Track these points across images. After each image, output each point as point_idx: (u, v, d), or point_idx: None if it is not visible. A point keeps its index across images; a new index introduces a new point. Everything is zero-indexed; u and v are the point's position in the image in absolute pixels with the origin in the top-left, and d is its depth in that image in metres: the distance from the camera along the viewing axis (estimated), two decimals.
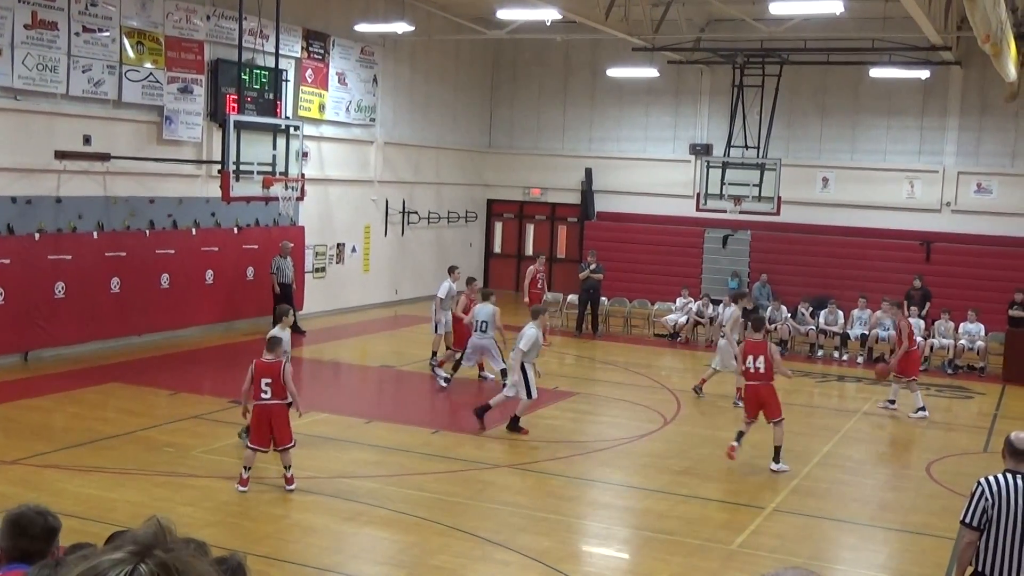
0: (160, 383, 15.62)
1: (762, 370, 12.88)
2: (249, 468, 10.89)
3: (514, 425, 14.00)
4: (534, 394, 13.97)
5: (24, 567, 4.27)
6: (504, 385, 14.93)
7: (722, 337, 17.03)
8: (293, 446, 11.03)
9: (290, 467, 10.99)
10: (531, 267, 22.20)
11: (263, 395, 10.78)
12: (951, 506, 6.71)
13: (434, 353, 18.07)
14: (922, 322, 21.05)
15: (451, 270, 18.75)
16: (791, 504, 11.47)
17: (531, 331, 13.98)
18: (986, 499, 6.37)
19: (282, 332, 12.62)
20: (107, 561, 1.68)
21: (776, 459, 12.71)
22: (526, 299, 22.01)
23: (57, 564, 3.66)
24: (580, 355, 21.05)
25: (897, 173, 25.62)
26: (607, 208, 28.56)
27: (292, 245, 21.15)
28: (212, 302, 20.25)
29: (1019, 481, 6.40)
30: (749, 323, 13.80)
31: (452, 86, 28.18)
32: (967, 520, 6.44)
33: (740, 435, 12.88)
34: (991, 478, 6.45)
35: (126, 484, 10.94)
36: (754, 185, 22.65)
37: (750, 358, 12.97)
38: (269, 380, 10.78)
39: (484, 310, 16.21)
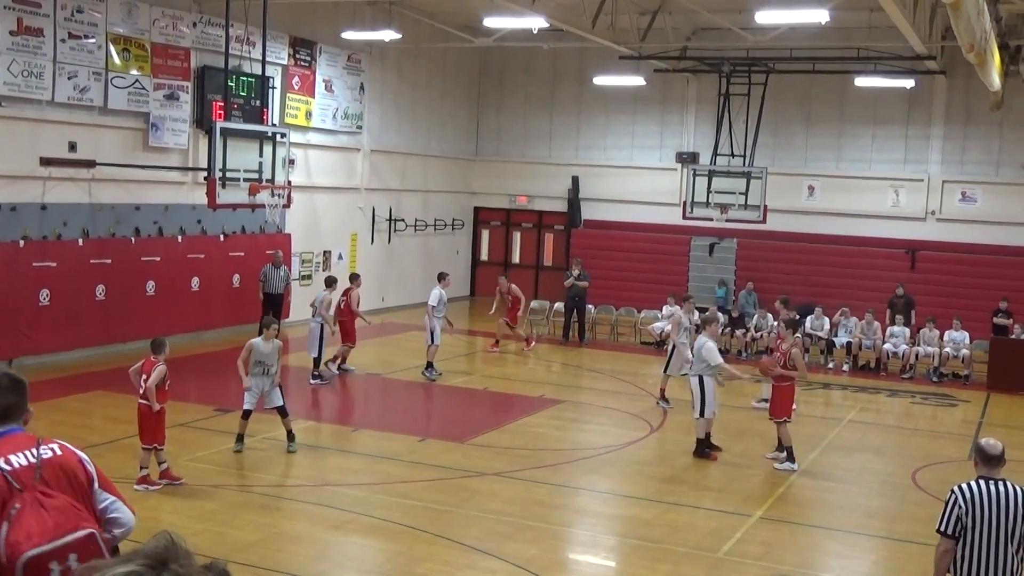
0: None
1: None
2: (144, 468, 11.07)
3: (700, 450, 13.53)
4: (707, 412, 13.45)
5: (13, 428, 4.17)
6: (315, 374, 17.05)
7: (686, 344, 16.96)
8: (154, 448, 11.13)
9: (163, 463, 11.15)
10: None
11: (140, 391, 11.13)
12: (936, 514, 6.73)
13: (429, 364, 18.04)
14: (907, 329, 21.16)
15: (441, 276, 18.74)
16: (777, 512, 11.49)
17: (701, 340, 13.63)
18: (960, 507, 6.40)
19: (265, 344, 12.66)
20: (121, 574, 1.66)
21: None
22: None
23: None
24: (566, 363, 21.06)
25: (882, 182, 25.74)
26: (594, 216, 28.59)
27: (282, 254, 20.93)
28: (198, 309, 20.18)
29: (992, 487, 6.43)
30: (788, 327, 13.87)
31: (439, 94, 28.19)
32: (942, 528, 6.48)
33: (791, 449, 13.16)
34: (964, 486, 6.48)
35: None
36: (740, 193, 22.72)
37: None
38: (145, 378, 11.08)
39: (317, 295, 17.65)
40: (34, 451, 4.02)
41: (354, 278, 18.39)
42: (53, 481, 3.99)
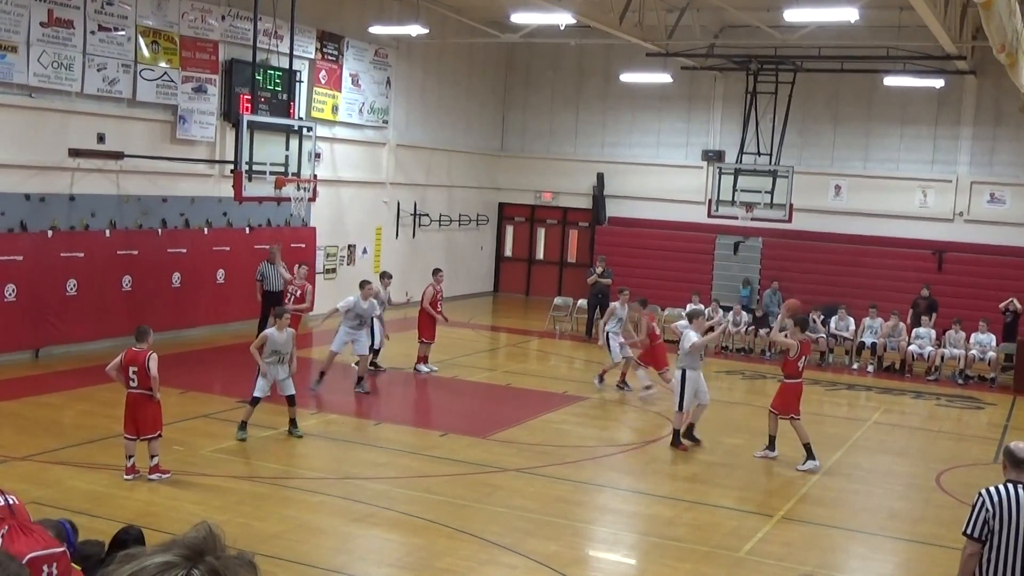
0: (170, 382, 15.55)
1: (801, 368, 13.42)
2: (131, 456, 11.00)
3: (675, 440, 13.72)
4: (684, 407, 13.62)
5: None
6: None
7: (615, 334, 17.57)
8: (158, 436, 11.07)
9: (155, 457, 11.03)
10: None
11: (131, 383, 10.97)
12: (961, 517, 6.69)
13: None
14: (932, 331, 21.00)
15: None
16: (799, 512, 11.44)
17: (686, 333, 13.73)
18: (987, 510, 6.36)
19: (279, 334, 12.81)
20: (156, 564, 1.67)
21: (772, 446, 13.46)
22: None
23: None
24: (589, 360, 21.02)
25: (910, 182, 25.55)
26: (619, 213, 28.54)
27: (278, 249, 19.96)
28: (223, 301, 20.28)
29: (1020, 491, 6.39)
30: (796, 324, 13.89)
31: (465, 89, 28.21)
32: (969, 531, 6.44)
33: (810, 447, 13.12)
34: (992, 489, 6.44)
35: (135, 483, 10.97)
36: (766, 192, 22.63)
37: (804, 358, 13.39)
38: (135, 369, 10.95)
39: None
40: (3, 497, 5.21)
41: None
42: (18, 517, 5.16)
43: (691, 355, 13.65)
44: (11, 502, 5.26)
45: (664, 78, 25.55)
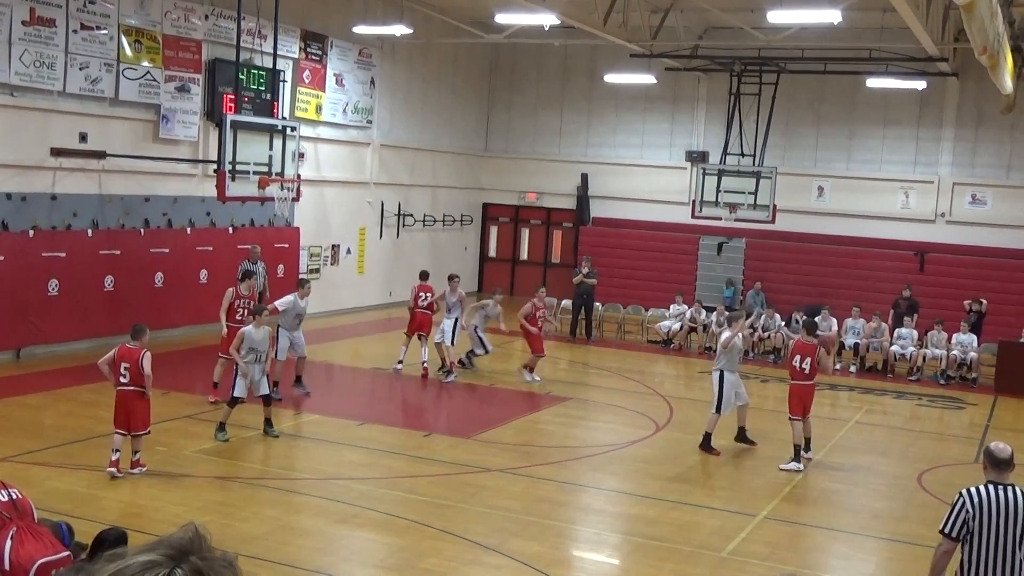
0: (153, 382, 15.54)
1: (807, 371, 13.31)
2: (117, 451, 11.01)
3: (705, 443, 13.73)
4: (723, 410, 13.67)
5: None
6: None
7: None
8: (147, 433, 11.18)
9: (137, 452, 11.14)
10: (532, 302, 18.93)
11: (121, 379, 11.02)
12: (942, 516, 6.72)
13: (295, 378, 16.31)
14: (915, 331, 21.09)
15: (301, 283, 16.07)
16: (782, 512, 11.48)
17: (725, 335, 13.84)
18: (967, 511, 6.38)
19: (257, 331, 12.83)
20: (140, 563, 1.67)
21: (807, 448, 13.46)
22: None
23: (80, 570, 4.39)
24: (573, 360, 21.05)
25: (892, 183, 25.69)
26: (603, 214, 28.58)
27: (260, 248, 19.08)
28: (206, 302, 20.13)
29: (1000, 492, 6.40)
30: (803, 327, 13.96)
31: (449, 89, 28.19)
32: (946, 530, 6.45)
33: (799, 449, 13.17)
34: (972, 489, 6.45)
35: (117, 483, 10.92)
36: (750, 193, 22.69)
37: (798, 358, 13.34)
38: (127, 365, 11.01)
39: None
40: (6, 491, 5.29)
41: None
42: (24, 515, 5.27)
43: (728, 357, 13.68)
44: (14, 496, 5.31)
45: (648, 79, 25.62)
